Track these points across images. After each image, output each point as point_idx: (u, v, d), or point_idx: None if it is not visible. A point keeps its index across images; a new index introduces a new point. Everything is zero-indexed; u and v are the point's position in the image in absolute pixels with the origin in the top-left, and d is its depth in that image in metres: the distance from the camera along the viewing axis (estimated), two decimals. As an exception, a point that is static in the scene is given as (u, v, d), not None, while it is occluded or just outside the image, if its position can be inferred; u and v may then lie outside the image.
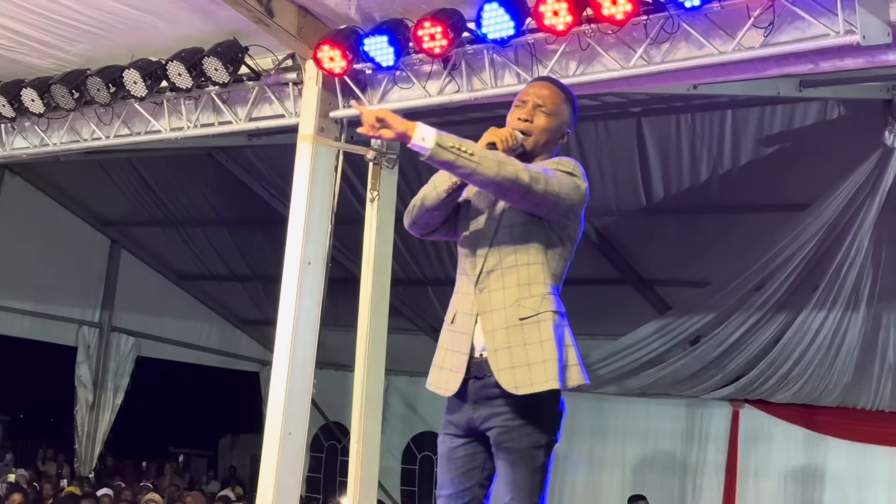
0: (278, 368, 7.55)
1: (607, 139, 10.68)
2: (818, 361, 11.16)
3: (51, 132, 9.60)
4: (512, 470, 3.96)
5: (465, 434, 4.11)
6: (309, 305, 7.60)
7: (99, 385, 16.57)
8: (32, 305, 15.72)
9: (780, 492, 12.46)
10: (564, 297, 4.08)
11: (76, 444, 16.75)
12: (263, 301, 15.77)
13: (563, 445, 4.14)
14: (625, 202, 11.36)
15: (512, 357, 3.89)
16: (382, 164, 7.90)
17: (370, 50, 7.31)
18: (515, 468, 3.95)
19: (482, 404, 4.01)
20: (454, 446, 4.14)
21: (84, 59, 8.87)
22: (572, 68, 6.71)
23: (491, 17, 6.66)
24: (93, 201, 15.84)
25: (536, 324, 3.92)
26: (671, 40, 6.25)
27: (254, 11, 7.35)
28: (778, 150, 9.96)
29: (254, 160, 13.38)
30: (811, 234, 9.84)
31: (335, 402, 14.54)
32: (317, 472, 17.00)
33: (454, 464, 4.13)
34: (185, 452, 24.38)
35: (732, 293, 10.92)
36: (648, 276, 12.49)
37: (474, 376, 4.01)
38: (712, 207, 11.07)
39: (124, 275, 16.49)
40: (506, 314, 3.94)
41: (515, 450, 3.95)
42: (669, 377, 12.31)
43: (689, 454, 13.17)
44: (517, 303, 3.93)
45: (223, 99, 8.44)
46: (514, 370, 3.88)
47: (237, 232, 15.27)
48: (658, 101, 9.67)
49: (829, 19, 5.66)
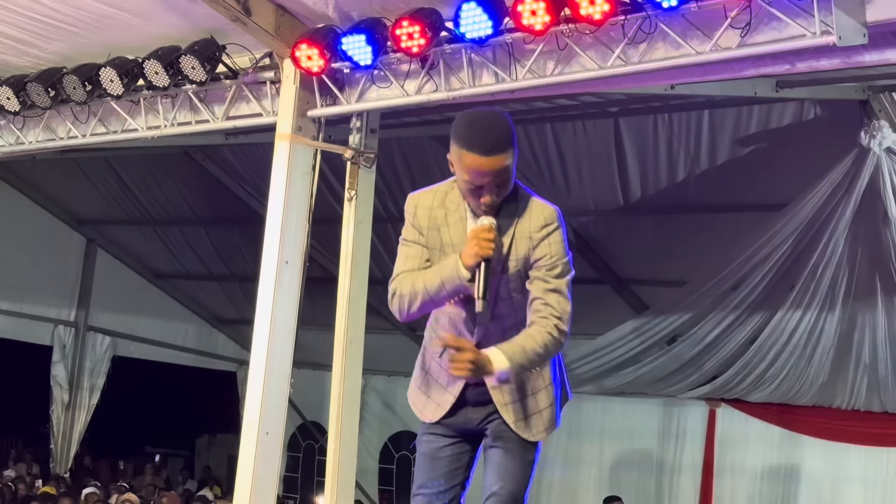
0: (255, 368, 7.53)
1: (585, 139, 10.71)
2: (794, 361, 11.22)
3: (26, 131, 9.54)
4: (505, 459, 4.09)
5: (454, 434, 4.18)
6: (286, 305, 7.58)
7: (75, 385, 16.50)
8: (7, 304, 15.63)
9: (756, 491, 12.53)
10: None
11: (52, 444, 16.67)
12: (241, 300, 15.74)
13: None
14: (602, 202, 11.38)
15: (523, 408, 4.08)
16: (360, 164, 7.88)
17: (348, 49, 7.29)
18: (510, 458, 4.09)
19: (482, 406, 4.12)
20: (441, 446, 4.19)
21: (60, 58, 8.82)
22: (550, 68, 6.71)
23: (469, 16, 6.66)
24: (69, 200, 15.76)
25: (539, 372, 4.10)
26: (649, 40, 6.26)
27: (231, 10, 7.32)
28: (754, 151, 10.00)
29: (231, 159, 13.35)
30: (787, 233, 9.88)
31: (313, 401, 14.53)
32: (294, 471, 16.98)
33: (439, 463, 4.18)
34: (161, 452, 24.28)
35: (709, 293, 10.96)
36: (626, 276, 12.53)
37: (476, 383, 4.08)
38: (689, 207, 11.11)
39: (100, 274, 16.42)
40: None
41: (512, 440, 4.08)
42: (646, 376, 12.35)
43: (665, 453, 13.22)
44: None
45: (200, 98, 8.40)
46: (527, 420, 4.09)
47: (214, 231, 15.23)
48: (636, 101, 9.69)
49: (805, 20, 5.68)
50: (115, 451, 21.47)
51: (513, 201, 3.96)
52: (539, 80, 6.78)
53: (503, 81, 6.91)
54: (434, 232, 4.03)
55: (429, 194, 4.07)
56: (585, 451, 13.68)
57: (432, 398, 4.17)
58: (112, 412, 17.82)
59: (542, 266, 3.91)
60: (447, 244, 4.00)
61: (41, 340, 16.38)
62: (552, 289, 3.91)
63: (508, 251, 3.93)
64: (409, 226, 4.06)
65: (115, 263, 16.57)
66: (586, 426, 13.63)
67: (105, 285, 16.43)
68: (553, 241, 3.92)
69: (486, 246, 3.81)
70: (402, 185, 11.82)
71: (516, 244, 3.92)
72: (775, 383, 11.62)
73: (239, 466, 7.49)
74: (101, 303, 16.53)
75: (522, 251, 3.93)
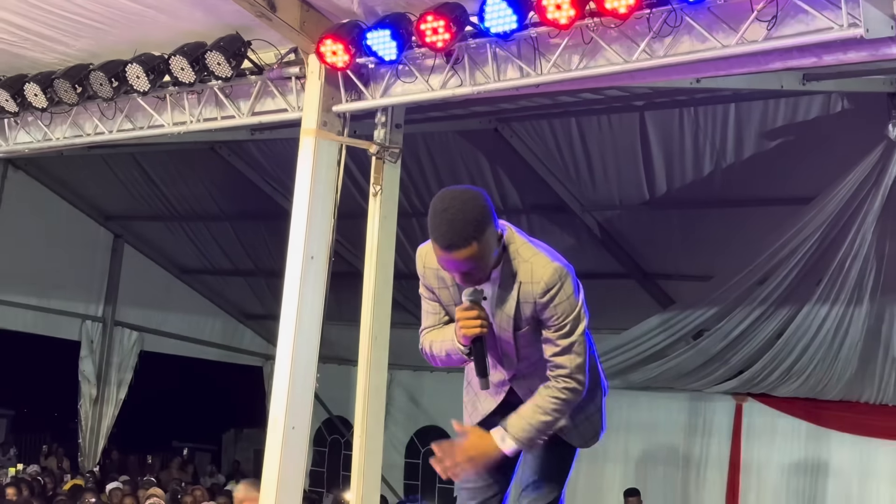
0: (281, 363, 7.55)
1: (610, 133, 10.68)
2: (821, 355, 11.16)
3: (54, 127, 9.60)
4: (545, 453, 4.17)
5: None
6: (312, 300, 7.59)
7: (102, 379, 16.61)
8: (36, 300, 15.74)
9: (784, 485, 12.47)
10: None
11: (80, 439, 16.78)
12: (266, 295, 15.79)
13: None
14: (628, 196, 11.36)
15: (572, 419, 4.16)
16: (385, 159, 7.88)
17: (373, 44, 7.30)
18: (548, 451, 4.16)
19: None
20: None
21: (87, 54, 8.86)
22: (575, 62, 6.70)
23: (494, 10, 6.65)
24: (96, 196, 15.86)
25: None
26: (674, 34, 6.23)
27: (256, 6, 7.34)
28: (781, 144, 9.95)
29: (256, 154, 13.39)
30: (814, 227, 9.83)
31: (338, 396, 14.59)
32: (320, 466, 17.03)
33: None
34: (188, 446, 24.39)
35: (735, 287, 10.91)
36: (651, 270, 12.49)
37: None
38: (715, 201, 11.06)
39: (127, 269, 16.53)
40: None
41: (553, 436, 4.11)
42: (673, 371, 12.31)
43: (691, 448, 13.18)
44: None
45: (226, 93, 8.43)
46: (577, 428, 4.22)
47: (240, 226, 15.28)
48: (661, 94, 9.66)
49: (832, 12, 5.64)
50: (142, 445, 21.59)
51: (509, 262, 3.96)
52: (564, 74, 6.77)
53: (528, 76, 6.90)
54: (444, 291, 4.12)
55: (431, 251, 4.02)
56: (611, 446, 13.62)
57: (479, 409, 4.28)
58: (139, 407, 17.94)
59: (550, 328, 3.97)
60: (456, 302, 4.06)
61: (69, 336, 16.49)
62: (560, 350, 3.98)
63: (517, 312, 3.98)
64: (421, 284, 4.17)
65: (142, 259, 16.66)
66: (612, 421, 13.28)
67: (132, 281, 16.53)
68: (557, 303, 3.94)
69: (471, 326, 3.90)
70: (427, 179, 11.84)
71: (522, 307, 3.97)
72: (802, 378, 11.56)
73: (265, 461, 7.52)
74: (129, 298, 16.62)
75: (529, 312, 3.98)
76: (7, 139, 9.99)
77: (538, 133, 11.05)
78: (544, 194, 11.71)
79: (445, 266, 3.90)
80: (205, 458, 23.63)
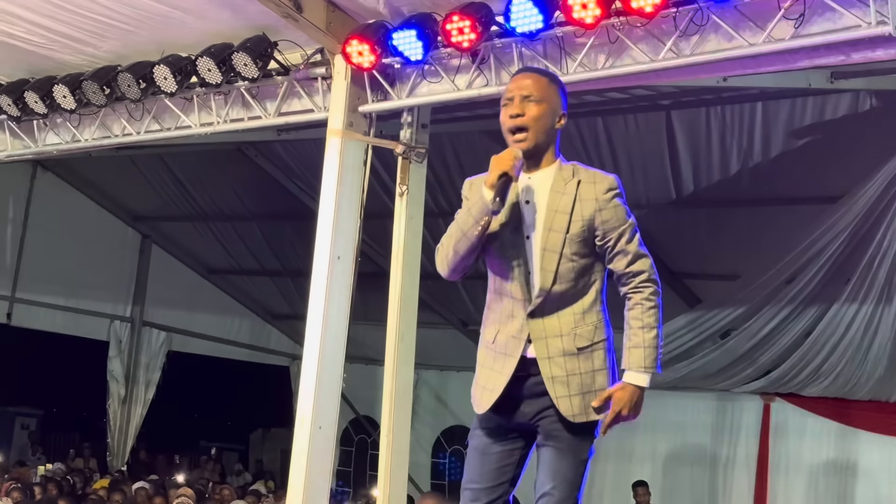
0: (308, 363, 7.56)
1: (637, 132, 10.65)
2: (850, 355, 11.10)
3: (82, 128, 9.66)
4: (558, 459, 4.08)
5: (507, 431, 4.16)
6: (338, 300, 7.61)
7: (131, 379, 16.70)
8: (64, 300, 15.84)
9: (812, 486, 12.41)
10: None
11: (108, 439, 16.87)
12: (293, 295, 15.82)
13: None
14: (654, 195, 11.32)
15: (569, 386, 4.05)
16: (411, 159, 7.89)
17: (399, 44, 7.31)
18: (562, 458, 4.09)
19: (534, 399, 4.09)
20: (491, 441, 4.18)
21: (115, 56, 8.92)
22: (601, 61, 6.69)
23: (519, 10, 6.66)
24: (124, 197, 15.94)
25: (590, 353, 4.09)
26: (701, 32, 6.22)
27: (282, 7, 7.36)
28: (809, 143, 9.90)
29: (283, 155, 13.43)
30: (843, 226, 9.78)
31: (365, 396, 14.59)
32: (347, 465, 17.07)
33: (489, 458, 4.17)
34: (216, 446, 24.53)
35: (763, 286, 10.87)
36: (678, 270, 12.45)
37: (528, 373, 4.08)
38: (743, 200, 11.02)
39: (155, 270, 16.61)
40: (562, 342, 4.05)
41: (565, 439, 4.08)
42: (700, 371, 12.27)
43: (719, 448, 13.13)
44: (573, 331, 4.06)
45: (252, 94, 8.46)
46: (571, 398, 4.06)
47: (267, 226, 15.33)
48: (688, 93, 9.63)
49: (860, 10, 5.61)
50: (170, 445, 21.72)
51: (567, 167, 4.18)
52: (590, 73, 6.76)
53: (553, 76, 6.88)
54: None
55: (481, 178, 4.13)
56: (638, 446, 13.61)
57: (486, 386, 4.15)
58: (167, 406, 18.02)
59: (614, 231, 4.07)
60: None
61: (98, 336, 16.58)
62: (633, 257, 4.14)
63: (572, 211, 4.03)
64: (463, 202, 4.22)
65: (170, 259, 16.75)
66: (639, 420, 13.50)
67: (160, 281, 16.61)
68: (618, 204, 4.08)
69: (506, 159, 4.00)
70: (453, 179, 11.83)
71: (581, 205, 4.03)
72: (831, 377, 11.50)
73: (292, 460, 7.54)
74: (156, 298, 16.70)
75: (588, 212, 4.03)
76: (36, 140, 10.06)
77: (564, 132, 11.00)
78: (571, 193, 11.67)
79: (508, 90, 4.16)
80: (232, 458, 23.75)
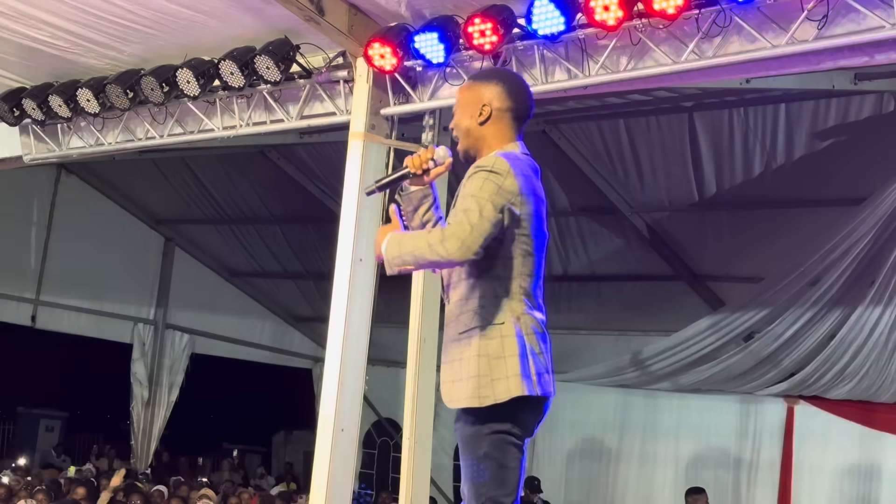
0: (330, 365, 7.57)
1: (659, 134, 10.63)
2: (875, 357, 11.03)
3: (106, 132, 9.70)
4: (461, 457, 4.12)
5: None
6: (361, 302, 7.61)
7: (154, 382, 16.75)
8: (88, 303, 15.92)
9: (837, 489, 12.33)
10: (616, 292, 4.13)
11: (132, 441, 16.94)
12: (316, 298, 15.85)
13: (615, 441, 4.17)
14: (677, 197, 11.30)
15: (451, 371, 4.03)
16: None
17: (420, 47, 7.32)
18: (462, 455, 4.11)
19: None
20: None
21: (138, 59, 8.96)
22: (623, 63, 6.68)
23: (541, 12, 6.65)
24: (147, 200, 16.02)
25: (467, 339, 3.97)
26: (723, 34, 6.20)
27: (305, 10, 7.38)
28: (832, 144, 9.85)
29: (305, 158, 13.46)
30: (867, 228, 9.72)
31: (387, 398, 14.60)
32: (369, 468, 17.07)
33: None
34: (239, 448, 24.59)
35: (787, 289, 10.81)
36: (701, 272, 12.42)
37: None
38: (766, 202, 10.98)
39: (178, 272, 16.66)
40: (451, 329, 4.07)
41: (461, 437, 4.11)
42: (723, 373, 12.21)
43: (742, 451, 13.06)
44: (457, 318, 4.04)
45: (275, 97, 8.49)
46: (447, 384, 4.05)
47: (289, 229, 15.37)
48: (710, 95, 9.60)
49: (884, 11, 5.59)
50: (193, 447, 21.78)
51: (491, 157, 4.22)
52: (612, 75, 6.75)
53: (576, 77, 6.89)
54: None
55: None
56: (661, 449, 13.57)
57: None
58: (190, 409, 18.08)
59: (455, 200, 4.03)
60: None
61: (121, 338, 16.65)
62: (454, 214, 3.98)
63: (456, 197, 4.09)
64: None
65: (193, 262, 16.81)
66: (662, 424, 13.53)
67: (183, 284, 16.67)
68: (475, 175, 4.08)
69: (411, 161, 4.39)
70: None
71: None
72: (855, 380, 11.43)
73: (315, 463, 7.54)
74: (180, 301, 16.77)
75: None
76: (60, 144, 10.11)
77: (586, 135, 11.02)
78: (592, 196, 11.68)
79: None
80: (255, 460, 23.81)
